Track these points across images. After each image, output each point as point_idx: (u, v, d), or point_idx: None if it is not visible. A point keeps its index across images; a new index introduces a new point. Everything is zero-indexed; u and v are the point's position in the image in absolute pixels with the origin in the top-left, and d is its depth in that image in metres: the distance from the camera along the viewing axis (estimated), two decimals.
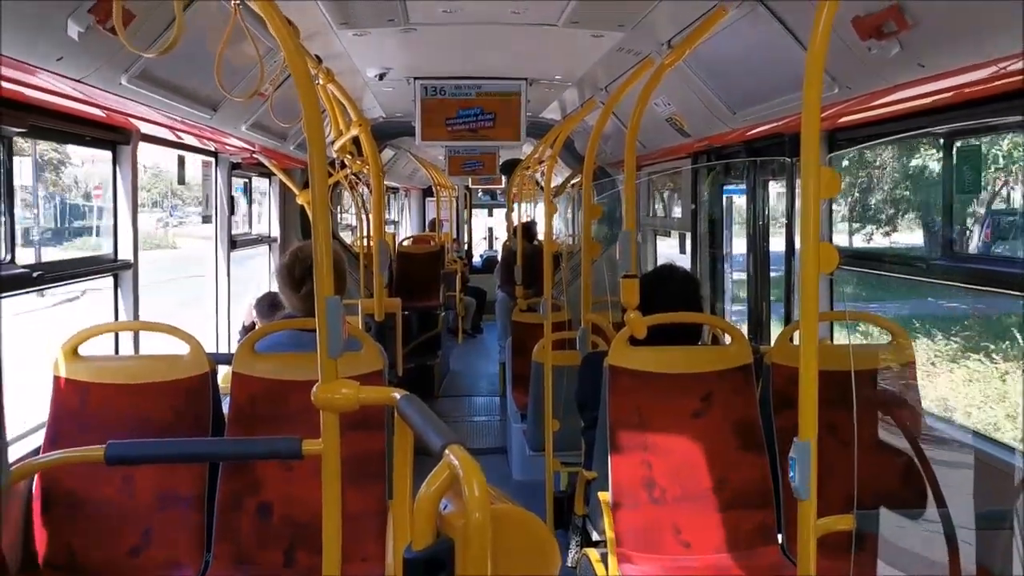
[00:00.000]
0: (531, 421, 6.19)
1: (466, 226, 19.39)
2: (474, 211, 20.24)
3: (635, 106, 3.56)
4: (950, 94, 2.87)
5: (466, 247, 18.58)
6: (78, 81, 2.85)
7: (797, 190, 4.44)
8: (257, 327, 4.11)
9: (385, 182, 14.25)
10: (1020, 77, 2.51)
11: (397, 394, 2.10)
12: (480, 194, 19.83)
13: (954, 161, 3.29)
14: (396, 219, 17.25)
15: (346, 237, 9.00)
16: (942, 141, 3.34)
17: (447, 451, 1.61)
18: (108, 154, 4.04)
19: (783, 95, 3.73)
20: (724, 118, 4.47)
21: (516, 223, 9.14)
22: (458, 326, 12.55)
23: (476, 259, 17.69)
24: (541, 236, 9.18)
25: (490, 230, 19.77)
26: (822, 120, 3.58)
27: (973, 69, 2.51)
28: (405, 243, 12.38)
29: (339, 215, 9.62)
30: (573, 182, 10.06)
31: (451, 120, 5.83)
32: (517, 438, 6.69)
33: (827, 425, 3.12)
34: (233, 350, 3.43)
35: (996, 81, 2.59)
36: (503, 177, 11.15)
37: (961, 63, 2.52)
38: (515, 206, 10.33)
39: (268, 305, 4.90)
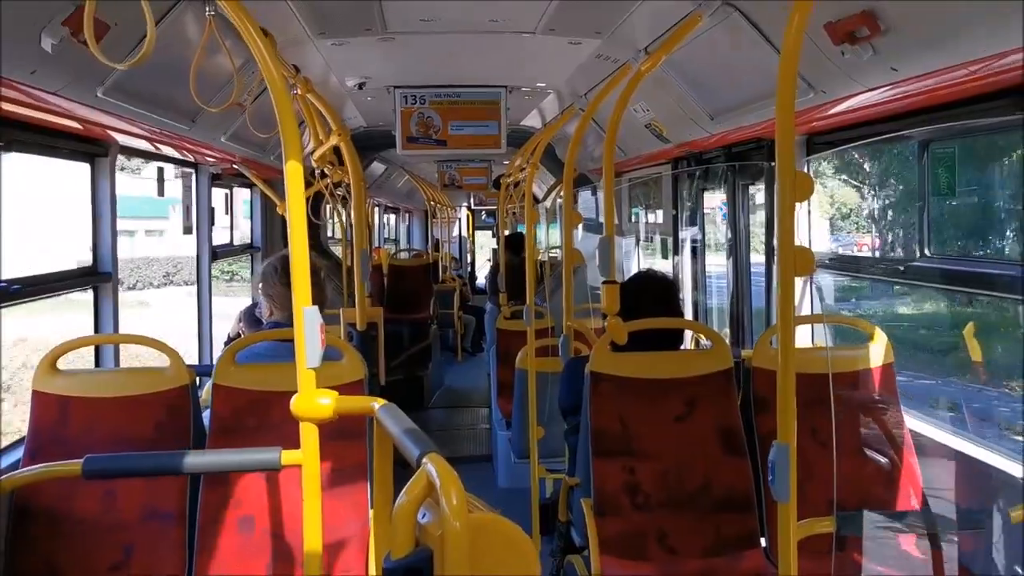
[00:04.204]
0: (516, 428, 6.19)
1: (469, 246, 19.46)
2: (478, 233, 20.34)
3: (613, 112, 3.57)
4: (922, 97, 2.89)
5: (469, 268, 18.65)
6: (53, 94, 2.84)
7: (776, 194, 4.47)
8: (243, 337, 4.09)
9: (383, 201, 14.34)
10: (990, 80, 2.53)
11: (376, 404, 2.10)
12: (484, 216, 19.92)
13: (928, 164, 3.32)
14: (395, 238, 17.28)
15: (337, 250, 9.00)
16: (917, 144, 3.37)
17: (425, 460, 1.61)
18: None
19: (761, 100, 3.75)
20: (703, 124, 4.49)
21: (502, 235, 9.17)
22: (457, 344, 12.56)
23: (480, 281, 17.70)
24: None
25: (494, 251, 19.95)
26: (799, 124, 3.62)
27: (944, 72, 2.54)
28: (398, 256, 12.43)
29: (332, 228, 9.61)
30: (556, 191, 10.08)
31: (432, 129, 5.83)
32: (502, 446, 6.69)
33: (809, 428, 3.15)
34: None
35: (967, 84, 2.62)
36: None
37: (932, 67, 2.55)
38: (508, 220, 10.33)
39: (255, 316, 4.88)
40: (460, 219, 19.86)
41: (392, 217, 17.11)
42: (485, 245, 21.07)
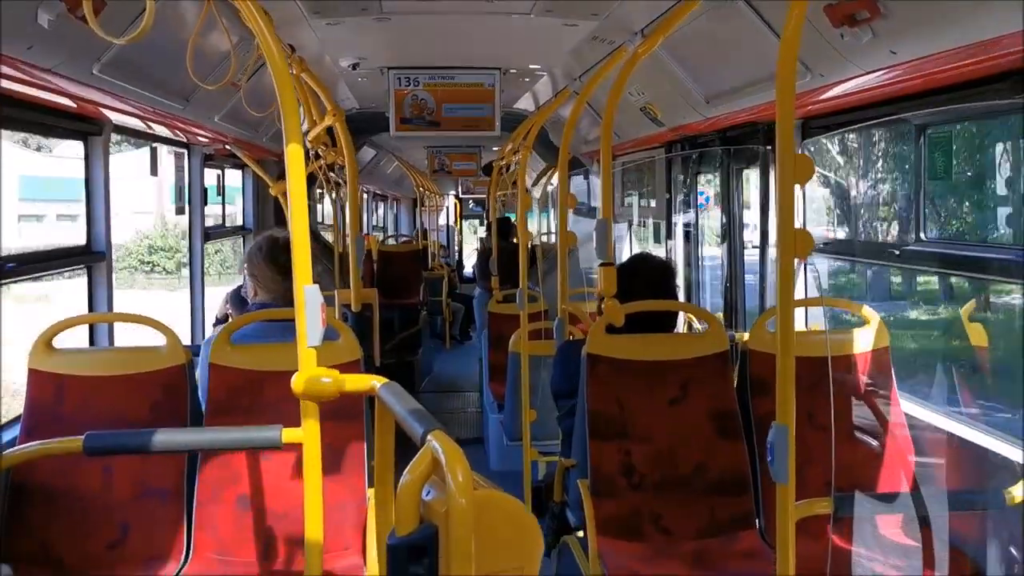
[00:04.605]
0: (508, 411, 6.20)
1: (456, 234, 19.48)
2: (466, 221, 20.36)
3: (610, 95, 3.57)
4: (920, 80, 2.90)
5: (457, 256, 18.68)
6: (49, 71, 2.81)
7: (771, 178, 4.48)
8: (231, 319, 4.07)
9: (372, 188, 14.33)
10: (989, 63, 2.54)
11: (377, 382, 2.10)
12: (472, 204, 19.92)
13: (925, 147, 3.33)
14: (383, 225, 17.26)
15: (328, 236, 8.98)
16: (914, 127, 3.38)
17: (430, 437, 1.62)
18: None
19: (757, 83, 3.75)
20: (698, 107, 4.49)
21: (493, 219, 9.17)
22: (445, 332, 12.59)
23: (468, 269, 17.73)
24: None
25: (481, 239, 19.90)
26: (795, 108, 3.62)
27: (943, 55, 2.54)
28: (388, 242, 12.44)
29: (319, 213, 9.58)
30: (547, 177, 10.07)
31: (425, 111, 5.81)
32: (494, 428, 6.71)
33: (804, 411, 3.16)
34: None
35: (965, 68, 2.62)
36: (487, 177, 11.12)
37: (931, 50, 2.55)
38: (499, 206, 10.31)
39: (241, 296, 4.87)
40: (448, 207, 19.86)
41: (380, 204, 17.09)
42: (473, 231, 21.10)
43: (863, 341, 3.44)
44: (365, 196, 13.74)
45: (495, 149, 9.58)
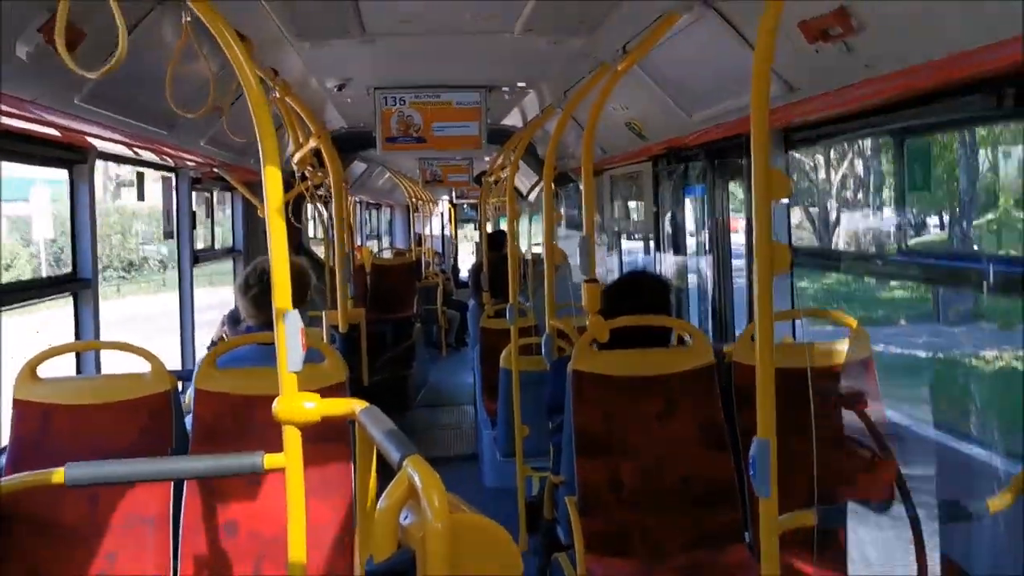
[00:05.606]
0: (501, 427, 6.20)
1: (452, 240, 19.50)
2: (462, 226, 20.35)
3: (591, 110, 3.59)
4: (897, 93, 2.92)
5: (452, 261, 18.69)
6: (31, 103, 2.82)
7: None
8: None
9: (364, 198, 14.35)
10: (964, 75, 2.56)
11: (358, 407, 2.11)
12: (466, 208, 19.92)
13: (905, 159, 3.35)
14: (376, 234, 17.26)
15: (319, 251, 8.99)
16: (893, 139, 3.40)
17: (406, 463, 1.62)
18: None
19: (737, 97, 3.77)
20: (681, 121, 4.51)
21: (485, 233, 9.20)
22: (441, 340, 12.59)
23: (464, 274, 17.74)
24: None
25: (477, 245, 19.87)
26: (776, 121, 3.64)
27: (918, 69, 2.56)
28: (382, 255, 12.43)
29: (313, 230, 9.60)
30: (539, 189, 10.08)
31: (412, 128, 5.83)
32: (488, 445, 6.70)
33: (791, 422, 3.16)
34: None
35: (940, 80, 2.64)
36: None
37: (905, 64, 2.57)
38: (490, 214, 10.34)
39: (236, 320, 4.88)
40: (442, 213, 19.87)
41: (374, 213, 17.09)
42: (468, 236, 21.07)
43: (847, 351, 3.44)
44: (358, 207, 13.75)
45: (487, 160, 9.60)
